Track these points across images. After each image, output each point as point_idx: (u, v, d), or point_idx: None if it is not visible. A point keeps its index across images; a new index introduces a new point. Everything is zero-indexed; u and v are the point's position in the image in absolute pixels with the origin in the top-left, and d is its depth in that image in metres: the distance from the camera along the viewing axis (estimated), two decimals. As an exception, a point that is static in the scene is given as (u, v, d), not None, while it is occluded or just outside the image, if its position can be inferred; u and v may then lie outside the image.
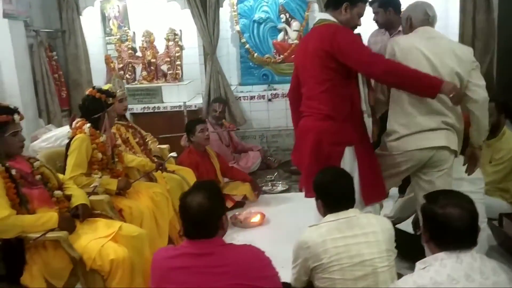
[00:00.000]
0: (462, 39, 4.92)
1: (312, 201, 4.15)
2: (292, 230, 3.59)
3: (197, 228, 1.87)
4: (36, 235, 2.30)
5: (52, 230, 2.36)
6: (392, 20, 3.81)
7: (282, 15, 5.61)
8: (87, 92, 3.09)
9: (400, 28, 3.71)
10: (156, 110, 5.27)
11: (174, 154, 3.75)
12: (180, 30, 5.52)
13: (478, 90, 2.62)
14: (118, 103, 3.46)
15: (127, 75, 5.64)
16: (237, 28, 5.60)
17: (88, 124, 2.98)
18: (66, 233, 2.36)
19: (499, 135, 3.57)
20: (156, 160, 3.66)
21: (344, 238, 2.12)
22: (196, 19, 5.11)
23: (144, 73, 5.59)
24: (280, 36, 5.67)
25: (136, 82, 5.61)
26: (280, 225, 3.80)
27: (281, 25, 5.63)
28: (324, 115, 2.65)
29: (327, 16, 2.70)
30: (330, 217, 2.21)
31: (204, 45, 5.23)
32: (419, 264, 1.81)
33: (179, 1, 5.27)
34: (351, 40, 2.58)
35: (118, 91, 3.47)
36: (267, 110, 5.42)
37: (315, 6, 5.45)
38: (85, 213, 2.59)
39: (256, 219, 3.82)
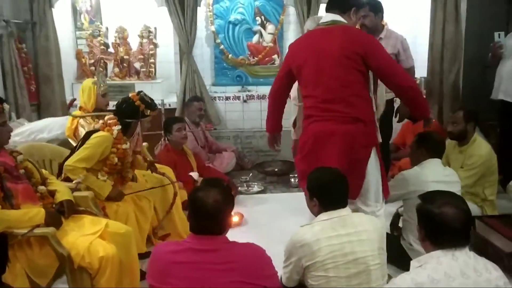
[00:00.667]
0: (432, 49, 5.12)
1: (289, 202, 4.23)
2: (271, 230, 3.66)
3: (209, 224, 1.88)
4: (22, 231, 2.22)
5: (38, 226, 2.28)
6: (378, 25, 3.94)
7: (257, 18, 5.62)
8: (130, 95, 3.02)
9: (382, 35, 3.85)
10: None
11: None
12: (155, 28, 5.46)
13: None
14: (101, 98, 3.40)
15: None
16: (212, 28, 5.58)
17: (119, 127, 2.91)
18: (54, 229, 2.29)
19: (470, 142, 3.72)
20: (148, 159, 3.60)
21: (338, 237, 2.17)
22: (173, 17, 5.06)
23: (116, 69, 5.49)
24: (255, 38, 5.68)
25: (107, 78, 5.49)
26: (258, 225, 3.83)
27: (256, 28, 5.64)
28: (352, 118, 2.65)
29: (338, 17, 2.73)
30: (323, 216, 2.25)
31: (181, 43, 5.18)
32: (414, 262, 1.87)
33: (155, -2, 5.21)
34: (383, 48, 2.75)
35: (102, 85, 3.40)
36: (242, 111, 5.44)
37: (290, 10, 5.53)
38: (70, 209, 2.53)
39: (235, 219, 3.82)
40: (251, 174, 4.90)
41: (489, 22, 5.41)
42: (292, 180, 4.67)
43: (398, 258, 2.79)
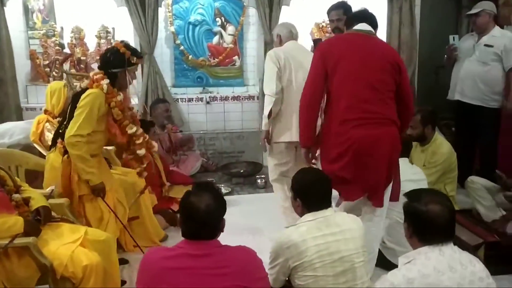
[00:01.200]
0: (389, 51, 5.30)
1: (257, 203, 4.25)
2: (243, 231, 3.66)
3: (202, 229, 1.86)
4: (1, 241, 2.11)
5: (17, 236, 2.18)
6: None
7: (217, 19, 5.60)
8: (113, 44, 2.89)
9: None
10: (87, 110, 5.02)
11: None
12: (113, 28, 5.33)
13: None
14: (70, 101, 3.28)
15: (53, 73, 5.32)
16: (172, 29, 5.50)
17: (107, 80, 2.75)
18: (35, 238, 2.19)
19: (432, 141, 3.89)
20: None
21: (324, 236, 2.21)
22: (134, 18, 4.97)
23: (73, 71, 5.29)
24: (215, 39, 5.66)
25: (64, 80, 5.28)
26: (230, 227, 3.76)
27: (217, 29, 5.63)
28: (391, 121, 2.67)
29: (372, 30, 2.84)
30: (308, 216, 2.29)
31: (142, 44, 5.09)
32: (402, 259, 1.94)
33: (115, -2, 5.09)
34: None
35: (72, 87, 3.30)
36: (205, 112, 5.41)
37: (250, 12, 5.56)
38: (47, 216, 2.43)
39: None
40: (217, 176, 4.88)
41: (440, 25, 5.71)
42: (259, 181, 4.70)
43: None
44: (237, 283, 1.87)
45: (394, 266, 2.00)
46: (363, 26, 2.80)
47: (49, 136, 3.26)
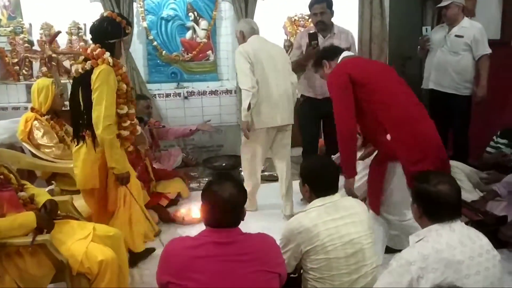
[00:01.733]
0: (361, 43, 5.45)
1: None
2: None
3: (227, 217, 1.91)
4: (16, 240, 2.07)
5: (37, 232, 2.15)
6: (331, 22, 4.18)
7: (190, 14, 5.57)
8: (105, 14, 2.73)
9: (335, 31, 4.20)
10: (63, 109, 4.88)
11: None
12: (85, 24, 5.21)
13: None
14: (59, 98, 3.23)
15: (23, 71, 5.16)
16: (144, 24, 5.44)
17: (108, 53, 2.62)
18: (50, 235, 2.16)
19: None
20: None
21: (333, 220, 2.30)
22: (109, 13, 4.87)
23: (44, 68, 5.15)
24: (189, 34, 5.64)
25: (34, 78, 5.14)
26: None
27: (190, 24, 5.60)
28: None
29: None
30: (317, 202, 2.37)
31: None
32: (413, 237, 2.05)
33: (88, -7, 4.98)
34: None
35: (59, 85, 3.23)
36: (183, 107, 5.38)
37: (223, 6, 5.57)
38: (55, 209, 2.38)
39: (197, 215, 3.81)
40: (199, 170, 4.89)
41: (407, 17, 5.93)
42: (242, 174, 4.73)
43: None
44: (262, 268, 1.93)
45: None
46: (349, 53, 3.07)
47: (38, 134, 3.18)
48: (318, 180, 2.39)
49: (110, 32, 2.69)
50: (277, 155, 3.94)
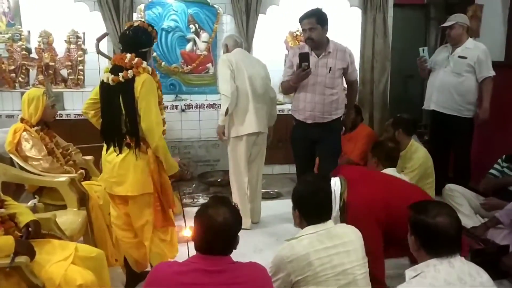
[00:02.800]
0: (363, 61, 5.41)
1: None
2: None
3: (218, 242, 1.81)
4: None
5: (15, 256, 2.04)
6: (324, 38, 3.65)
7: (191, 25, 5.52)
8: (137, 24, 2.77)
9: (330, 49, 3.65)
10: (57, 119, 4.79)
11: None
12: (84, 33, 5.15)
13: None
14: (50, 109, 3.14)
15: (19, 78, 5.09)
16: (144, 35, 5.38)
17: (145, 62, 2.67)
18: (27, 258, 2.05)
19: (408, 147, 3.99)
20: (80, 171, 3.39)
21: (326, 249, 2.19)
22: (108, 23, 4.83)
23: (41, 77, 5.09)
24: (189, 46, 5.58)
25: (30, 86, 5.07)
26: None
27: (190, 35, 5.54)
28: None
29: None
30: (309, 229, 2.26)
31: (115, 50, 4.94)
32: (409, 272, 1.93)
33: (88, 2, 4.92)
34: None
35: (51, 95, 3.14)
36: (180, 120, 5.30)
37: (224, 19, 5.52)
38: (38, 231, 2.28)
39: (187, 233, 3.70)
40: (194, 185, 4.79)
41: (410, 36, 5.87)
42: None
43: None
44: (251, 299, 1.83)
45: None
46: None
47: (26, 146, 3.08)
48: (309, 207, 2.28)
49: (144, 41, 2.76)
50: (251, 163, 4.06)
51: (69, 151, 3.49)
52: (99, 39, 4.29)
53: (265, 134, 4.05)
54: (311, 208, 2.28)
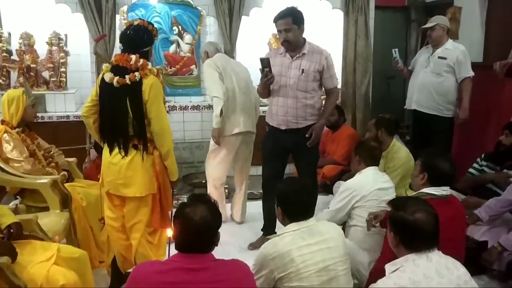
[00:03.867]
0: (345, 62, 5.46)
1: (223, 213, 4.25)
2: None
3: (197, 241, 1.82)
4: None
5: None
6: (301, 39, 3.40)
7: (174, 27, 5.54)
8: (136, 23, 2.73)
9: (305, 50, 3.39)
10: (39, 121, 4.75)
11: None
12: (66, 35, 5.12)
13: None
14: (31, 109, 3.12)
15: (0, 80, 5.03)
16: (127, 37, 5.36)
17: (149, 63, 2.66)
18: (8, 258, 2.04)
19: (390, 147, 4.03)
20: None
21: (308, 246, 2.22)
22: (90, 25, 4.80)
23: (22, 79, 5.03)
24: (172, 48, 5.59)
25: (11, 88, 5.01)
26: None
27: (174, 37, 5.56)
28: None
29: None
30: (292, 226, 2.29)
31: (99, 52, 4.91)
32: (389, 266, 1.97)
33: (69, 4, 4.89)
34: None
35: (30, 95, 3.12)
36: (164, 122, 5.28)
37: (207, 21, 5.53)
38: (20, 233, 2.27)
39: (169, 233, 3.69)
40: (178, 187, 4.78)
41: (391, 38, 5.95)
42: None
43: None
44: (232, 297, 1.84)
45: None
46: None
47: (7, 147, 3.05)
48: (291, 204, 2.31)
49: (146, 41, 2.73)
50: (238, 163, 4.16)
51: (51, 153, 3.47)
52: (97, 40, 4.29)
53: (253, 134, 4.09)
54: (293, 206, 2.30)
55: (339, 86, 5.54)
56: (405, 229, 1.94)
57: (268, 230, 3.66)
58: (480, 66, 4.59)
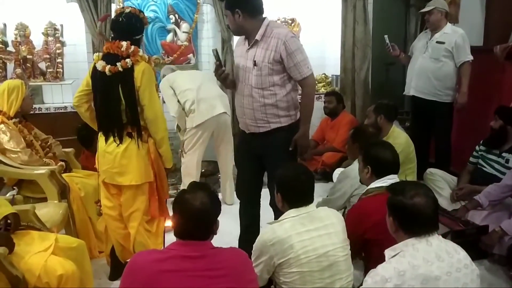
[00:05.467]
0: (344, 48, 5.41)
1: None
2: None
3: (196, 228, 1.81)
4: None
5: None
6: (247, 26, 2.74)
7: (171, 16, 5.47)
8: (128, 10, 2.73)
9: (258, 36, 2.72)
10: (36, 112, 4.72)
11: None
12: (61, 25, 5.06)
13: None
14: (29, 99, 3.11)
15: (-5, 72, 5.00)
16: (124, 26, 5.31)
17: (140, 49, 2.66)
18: (5, 249, 2.03)
19: (389, 133, 4.01)
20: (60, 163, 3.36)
21: (308, 232, 2.20)
22: (86, 14, 4.75)
23: (19, 70, 4.99)
24: (169, 37, 5.54)
25: (7, 80, 4.98)
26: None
27: (170, 26, 5.50)
28: None
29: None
30: (291, 212, 2.27)
31: (94, 42, 4.88)
32: (389, 251, 1.95)
33: (64, -7, 4.85)
34: None
35: (29, 87, 3.11)
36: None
37: (204, 9, 5.48)
38: (17, 224, 2.26)
39: (168, 223, 3.68)
40: (178, 176, 4.77)
41: (390, 23, 5.89)
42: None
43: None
44: (231, 285, 1.83)
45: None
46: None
47: (4, 138, 3.03)
48: (291, 190, 2.28)
49: (138, 28, 2.75)
50: (219, 147, 4.38)
51: (48, 143, 3.46)
52: (102, 19, 4.27)
53: (226, 115, 4.18)
54: (293, 192, 2.28)
55: (338, 72, 5.56)
56: (404, 213, 1.92)
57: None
58: (481, 50, 4.56)
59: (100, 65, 2.64)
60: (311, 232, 2.20)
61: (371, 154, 2.60)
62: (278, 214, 2.47)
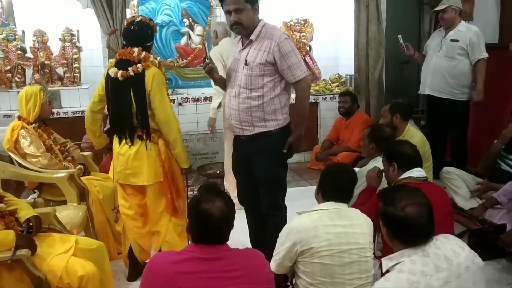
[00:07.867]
0: (357, 48, 5.40)
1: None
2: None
3: (215, 234, 1.82)
4: None
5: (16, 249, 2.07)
6: (255, 23, 2.68)
7: (185, 19, 5.54)
8: (139, 19, 2.84)
9: (253, 37, 2.67)
10: (54, 116, 4.81)
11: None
12: (78, 30, 5.17)
13: None
14: (47, 106, 3.17)
15: (16, 78, 5.11)
16: (138, 30, 5.38)
17: (151, 55, 2.76)
18: (28, 250, 2.08)
19: (405, 132, 3.98)
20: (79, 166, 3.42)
21: (334, 226, 2.21)
22: (101, 19, 4.83)
23: (37, 76, 5.10)
24: (183, 40, 5.60)
25: (27, 86, 5.07)
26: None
27: (184, 29, 5.56)
28: None
29: None
30: (322, 205, 2.32)
31: (113, 46, 4.94)
32: (386, 261, 1.86)
33: (81, 0, 4.93)
34: None
35: (47, 91, 3.17)
36: (177, 114, 5.26)
37: (218, 12, 5.52)
38: (39, 226, 2.31)
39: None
40: (193, 178, 4.81)
41: (404, 22, 5.86)
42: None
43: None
44: (247, 285, 1.84)
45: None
46: None
47: (24, 143, 3.10)
48: (328, 184, 2.35)
49: (149, 36, 2.84)
50: None
51: (67, 147, 3.51)
52: (109, 34, 4.34)
53: None
54: (330, 186, 2.34)
55: (351, 72, 5.55)
56: (397, 225, 1.84)
57: None
58: (496, 47, 4.51)
59: (113, 71, 2.77)
60: (337, 227, 2.21)
61: (393, 151, 2.79)
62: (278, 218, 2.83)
